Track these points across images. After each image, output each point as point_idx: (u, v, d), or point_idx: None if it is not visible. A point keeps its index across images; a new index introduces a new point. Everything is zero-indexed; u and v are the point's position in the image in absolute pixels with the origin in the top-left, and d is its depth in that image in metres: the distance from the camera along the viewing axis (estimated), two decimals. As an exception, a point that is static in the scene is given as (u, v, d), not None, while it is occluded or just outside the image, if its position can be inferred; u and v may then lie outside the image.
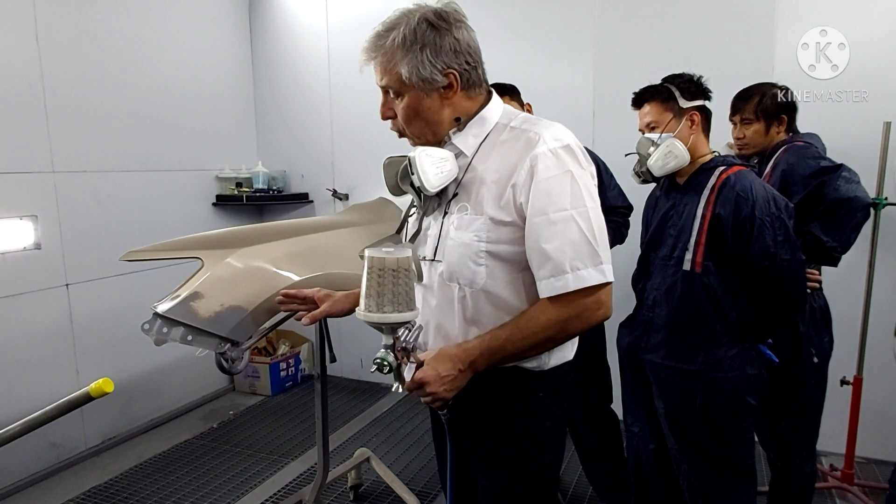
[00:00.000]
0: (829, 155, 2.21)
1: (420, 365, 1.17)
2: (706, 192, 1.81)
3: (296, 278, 2.00)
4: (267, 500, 2.78)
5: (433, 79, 1.21)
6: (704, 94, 1.90)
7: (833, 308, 2.27)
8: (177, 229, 2.77)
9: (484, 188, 1.21)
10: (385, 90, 1.27)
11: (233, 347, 1.84)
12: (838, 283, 2.45)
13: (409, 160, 1.20)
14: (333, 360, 2.31)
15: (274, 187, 4.12)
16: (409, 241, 1.33)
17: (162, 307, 1.69)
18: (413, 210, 1.36)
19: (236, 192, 4.00)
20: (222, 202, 4.01)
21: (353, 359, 4.21)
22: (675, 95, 1.87)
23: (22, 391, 2.85)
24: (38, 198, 2.97)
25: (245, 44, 4.21)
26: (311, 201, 4.23)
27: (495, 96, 1.32)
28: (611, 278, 1.18)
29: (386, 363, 1.11)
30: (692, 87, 1.88)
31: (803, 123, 2.42)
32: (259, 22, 4.21)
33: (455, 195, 1.25)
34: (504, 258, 1.22)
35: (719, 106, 2.35)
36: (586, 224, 1.16)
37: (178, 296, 1.73)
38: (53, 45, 3.00)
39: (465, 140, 1.26)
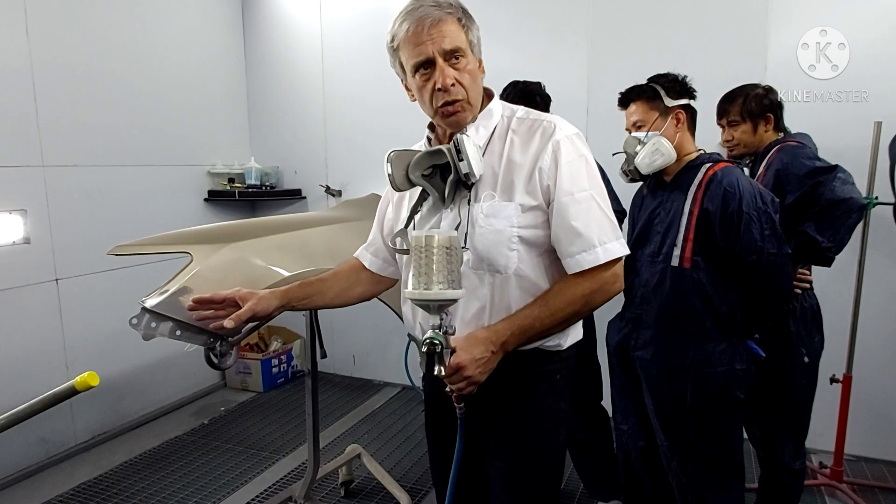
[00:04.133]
0: (829, 154, 2.23)
1: (452, 351, 1.16)
2: (693, 189, 1.82)
3: (286, 273, 1.98)
4: (257, 497, 2.77)
5: (480, 47, 1.31)
6: (689, 93, 1.92)
7: (823, 307, 2.28)
8: (168, 225, 2.76)
9: (509, 175, 1.27)
10: (451, 53, 1.23)
11: (222, 343, 1.82)
12: (828, 281, 2.46)
13: (458, 144, 1.23)
14: (324, 356, 2.31)
15: (266, 183, 4.11)
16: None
17: (150, 302, 1.67)
18: (423, 204, 1.37)
19: (228, 188, 3.99)
20: (214, 198, 4.00)
21: (346, 355, 4.21)
22: (660, 94, 1.90)
23: (11, 387, 2.83)
24: (27, 192, 2.95)
25: (238, 38, 4.19)
26: (304, 197, 4.21)
27: (495, 94, 1.37)
28: (628, 251, 1.27)
29: (437, 342, 1.11)
30: (677, 86, 1.91)
31: (803, 123, 2.43)
32: (252, 16, 4.19)
33: (472, 184, 1.28)
34: (530, 242, 1.27)
35: (714, 106, 2.37)
36: (603, 202, 1.27)
37: (167, 290, 1.71)
38: (43, 39, 2.97)
39: (477, 131, 1.31)
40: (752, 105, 2.25)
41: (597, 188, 1.26)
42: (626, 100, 1.97)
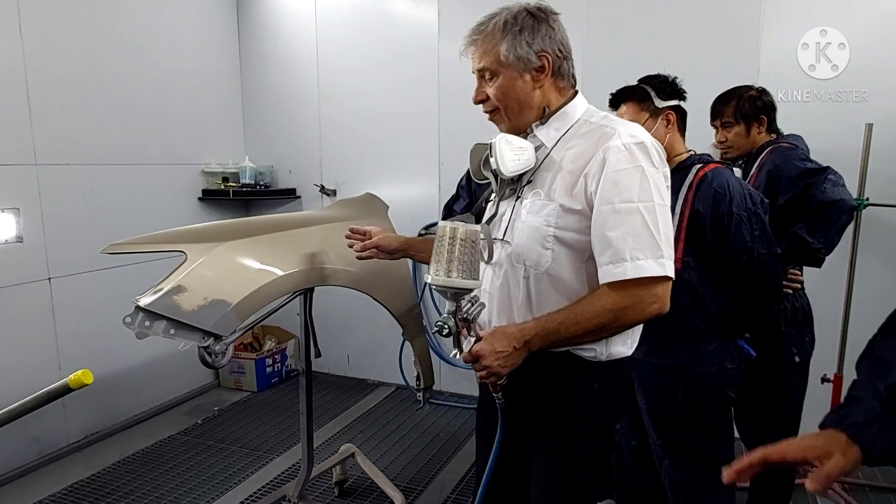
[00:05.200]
0: (828, 154, 2.25)
1: (478, 340, 1.23)
2: (684, 190, 1.83)
3: (280, 273, 1.99)
4: (251, 496, 2.77)
5: (528, 59, 1.31)
6: (679, 94, 1.93)
7: (814, 307, 2.30)
8: (162, 224, 2.74)
9: (558, 177, 1.29)
10: (481, 73, 1.35)
11: (216, 341, 1.82)
12: (819, 282, 2.49)
13: (490, 145, 1.30)
14: (318, 355, 2.31)
15: (261, 182, 4.10)
16: (486, 223, 1.40)
17: (144, 301, 1.67)
18: (492, 195, 1.44)
19: (223, 187, 3.97)
20: (208, 197, 3.99)
21: (340, 355, 4.21)
22: (650, 95, 1.91)
23: (3, 386, 2.81)
24: (20, 190, 2.94)
25: (232, 36, 4.18)
26: (299, 197, 4.21)
27: (580, 95, 1.40)
28: (670, 273, 1.22)
29: (446, 326, 1.21)
30: (667, 87, 1.92)
31: (801, 123, 2.44)
32: (246, 14, 4.19)
33: (529, 182, 1.34)
34: (570, 245, 1.28)
35: (707, 107, 2.38)
36: (651, 218, 1.21)
37: (161, 289, 1.71)
38: (37, 36, 2.96)
39: (547, 133, 1.35)
40: (746, 107, 2.27)
41: (647, 202, 1.21)
42: (616, 101, 1.98)
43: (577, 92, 1.39)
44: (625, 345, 1.36)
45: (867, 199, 2.63)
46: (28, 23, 2.92)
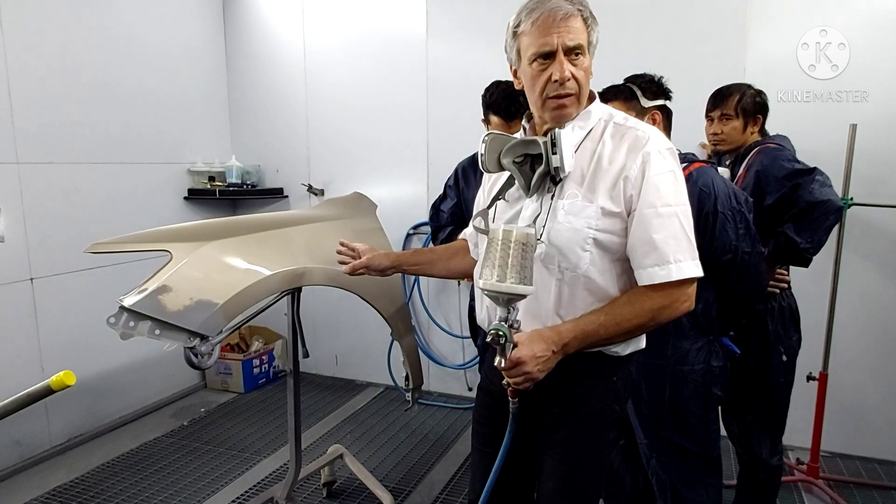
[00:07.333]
0: (824, 153, 2.26)
1: (514, 345, 1.19)
2: None
3: (267, 272, 1.97)
4: (238, 498, 2.75)
5: (596, 48, 1.34)
6: (665, 93, 1.94)
7: (800, 306, 2.31)
8: (147, 224, 2.70)
9: (597, 177, 1.28)
10: (572, 49, 1.27)
11: (202, 342, 1.80)
12: (805, 281, 2.51)
13: (554, 140, 1.25)
14: (306, 355, 2.29)
15: (248, 182, 4.07)
16: (530, 224, 1.36)
17: (128, 301, 1.65)
18: (508, 191, 1.40)
19: (209, 187, 3.94)
20: (194, 196, 3.95)
21: (328, 355, 4.19)
22: (636, 95, 1.91)
23: (-16, 388, 2.77)
24: (1, 189, 2.89)
25: (219, 34, 4.15)
26: (286, 196, 4.18)
27: (597, 97, 1.40)
28: (702, 273, 1.27)
29: (502, 333, 1.16)
30: (653, 86, 1.92)
31: (798, 123, 2.45)
32: (232, 12, 4.15)
33: (559, 181, 1.31)
34: (605, 247, 1.28)
35: (692, 107, 2.40)
36: (686, 220, 1.27)
37: (146, 289, 1.69)
38: (19, 33, 2.91)
39: (573, 130, 1.33)
40: (748, 102, 2.29)
41: (682, 206, 1.26)
42: (602, 100, 1.98)
43: (593, 94, 1.39)
44: (641, 339, 1.40)
45: (851, 198, 2.66)
46: (9, 18, 2.87)
